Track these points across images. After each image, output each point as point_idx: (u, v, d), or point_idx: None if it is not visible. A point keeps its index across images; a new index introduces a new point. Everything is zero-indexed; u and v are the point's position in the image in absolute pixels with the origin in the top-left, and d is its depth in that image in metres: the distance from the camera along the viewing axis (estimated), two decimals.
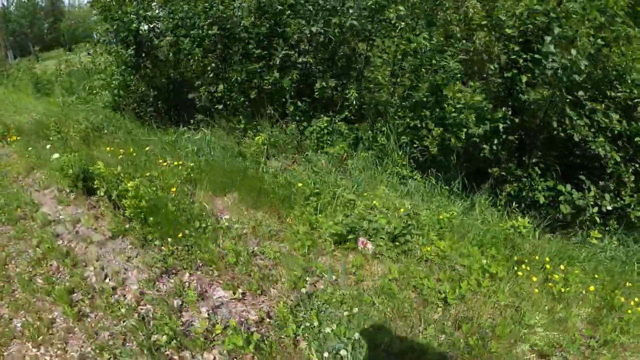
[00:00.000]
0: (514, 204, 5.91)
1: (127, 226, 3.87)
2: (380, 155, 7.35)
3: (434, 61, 7.33)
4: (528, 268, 3.87)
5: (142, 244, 3.68)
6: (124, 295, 3.17)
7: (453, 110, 7.21)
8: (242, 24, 7.75)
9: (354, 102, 7.84)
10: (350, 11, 7.28)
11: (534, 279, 3.74)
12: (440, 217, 4.50)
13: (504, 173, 6.61)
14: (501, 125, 6.50)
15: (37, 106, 10.60)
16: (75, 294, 3.15)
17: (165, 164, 4.97)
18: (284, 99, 8.51)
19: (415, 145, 7.44)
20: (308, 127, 7.96)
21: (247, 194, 4.62)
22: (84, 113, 7.80)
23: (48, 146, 5.24)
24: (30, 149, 5.67)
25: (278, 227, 4.23)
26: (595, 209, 5.74)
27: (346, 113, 7.99)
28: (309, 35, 7.53)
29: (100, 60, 9.66)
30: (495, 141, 6.63)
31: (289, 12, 7.56)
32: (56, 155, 4.27)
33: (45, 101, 13.25)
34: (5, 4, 49.91)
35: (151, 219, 3.73)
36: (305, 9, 7.51)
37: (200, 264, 3.55)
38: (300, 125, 8.09)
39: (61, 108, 11.01)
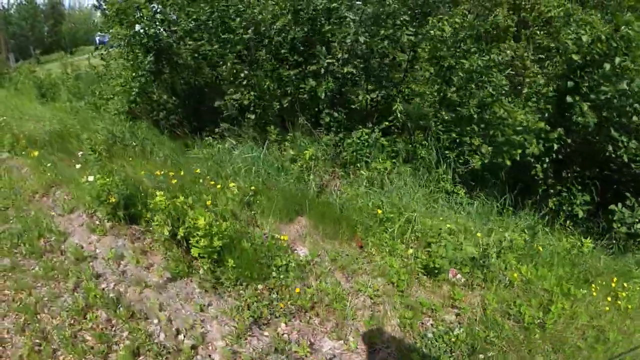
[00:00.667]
0: (568, 222, 6.15)
1: (191, 266, 3.15)
2: (418, 169, 6.87)
3: (483, 77, 6.84)
4: (597, 287, 3.97)
5: (213, 288, 2.97)
6: (209, 356, 2.46)
7: (512, 132, 6.69)
8: (275, 27, 7.12)
9: (399, 115, 7.23)
10: (398, 22, 6.74)
11: (609, 298, 3.85)
12: (514, 239, 4.37)
13: (546, 188, 6.70)
14: (555, 145, 6.45)
15: (44, 112, 9.88)
16: (141, 357, 2.43)
17: (218, 186, 4.25)
18: (317, 109, 7.89)
19: (460, 161, 6.97)
20: (346, 139, 7.32)
21: (318, 220, 4.01)
22: (99, 121, 7.09)
23: (78, 166, 4.50)
24: (48, 164, 4.94)
25: (362, 258, 3.71)
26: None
27: (385, 124, 7.37)
28: (349, 43, 6.91)
29: (115, 65, 8.97)
30: (547, 159, 6.60)
31: (331, 18, 6.99)
32: (91, 178, 3.54)
33: (51, 107, 12.51)
34: (5, 6, 49.23)
35: (230, 261, 3.01)
36: (346, 17, 6.91)
37: (294, 310, 2.93)
38: (335, 136, 7.45)
39: (69, 114, 10.34)
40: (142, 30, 7.25)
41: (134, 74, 7.36)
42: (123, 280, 3.03)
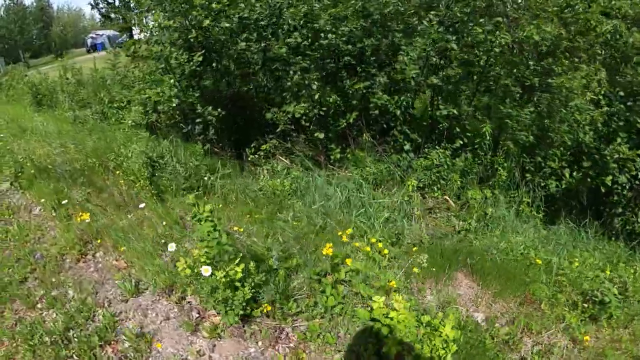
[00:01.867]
0: None
1: None
2: (493, 190, 5.90)
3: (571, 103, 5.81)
4: None
5: None
6: None
7: (611, 161, 5.81)
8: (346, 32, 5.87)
9: (487, 136, 6.08)
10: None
11: None
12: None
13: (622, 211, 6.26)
14: None
15: (47, 125, 8.42)
16: None
17: (367, 248, 2.95)
18: (385, 125, 6.65)
19: (542, 185, 6.13)
20: (419, 159, 6.11)
21: (480, 277, 3.05)
22: (120, 137, 5.74)
23: (130, 216, 3.16)
24: (72, 204, 3.57)
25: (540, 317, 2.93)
26: None
27: (459, 143, 6.18)
28: (428, 51, 5.70)
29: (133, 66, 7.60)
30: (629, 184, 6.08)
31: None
32: (172, 247, 2.18)
33: (52, 116, 10.99)
34: None
35: None
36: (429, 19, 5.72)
37: None
38: (407, 155, 6.24)
39: (74, 125, 8.89)
40: (190, 22, 5.79)
41: (168, 77, 5.93)
42: None
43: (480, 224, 5.05)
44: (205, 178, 4.42)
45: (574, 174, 5.99)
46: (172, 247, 2.30)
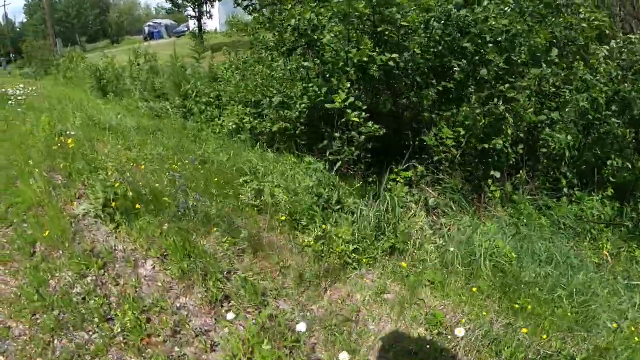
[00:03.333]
0: None
1: None
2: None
3: None
4: None
5: None
6: None
7: None
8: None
9: None
10: None
11: None
12: None
13: None
14: None
15: (122, 118, 6.97)
16: None
17: None
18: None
19: None
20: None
21: None
22: (254, 154, 4.15)
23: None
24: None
25: None
26: None
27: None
28: None
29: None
30: None
31: None
32: None
33: (120, 106, 9.66)
34: None
35: None
36: None
37: None
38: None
39: (152, 119, 7.45)
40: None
41: (343, 80, 4.32)
42: None
43: None
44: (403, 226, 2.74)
45: None
46: None
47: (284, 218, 2.88)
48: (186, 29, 34.93)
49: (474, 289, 2.49)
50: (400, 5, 4.09)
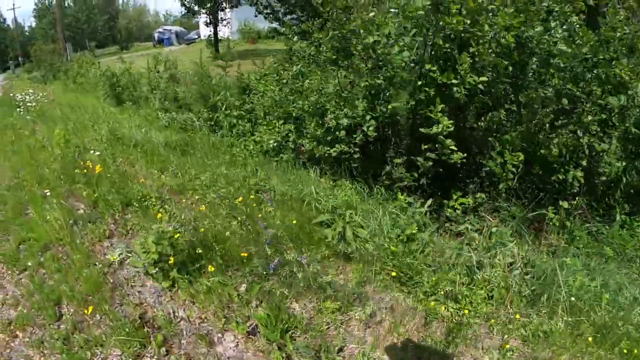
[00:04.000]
0: None
1: None
2: None
3: None
4: None
5: None
6: None
7: None
8: None
9: None
10: None
11: None
12: None
13: None
14: None
15: (147, 132, 6.32)
16: None
17: None
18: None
19: None
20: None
21: None
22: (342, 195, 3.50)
23: None
24: None
25: None
26: None
27: None
28: None
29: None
30: None
31: None
32: None
33: (138, 116, 9.03)
34: None
35: None
36: None
37: None
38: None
39: (177, 133, 6.81)
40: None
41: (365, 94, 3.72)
42: None
43: None
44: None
45: None
46: None
47: (394, 274, 2.23)
48: (197, 36, 34.59)
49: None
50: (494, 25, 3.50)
